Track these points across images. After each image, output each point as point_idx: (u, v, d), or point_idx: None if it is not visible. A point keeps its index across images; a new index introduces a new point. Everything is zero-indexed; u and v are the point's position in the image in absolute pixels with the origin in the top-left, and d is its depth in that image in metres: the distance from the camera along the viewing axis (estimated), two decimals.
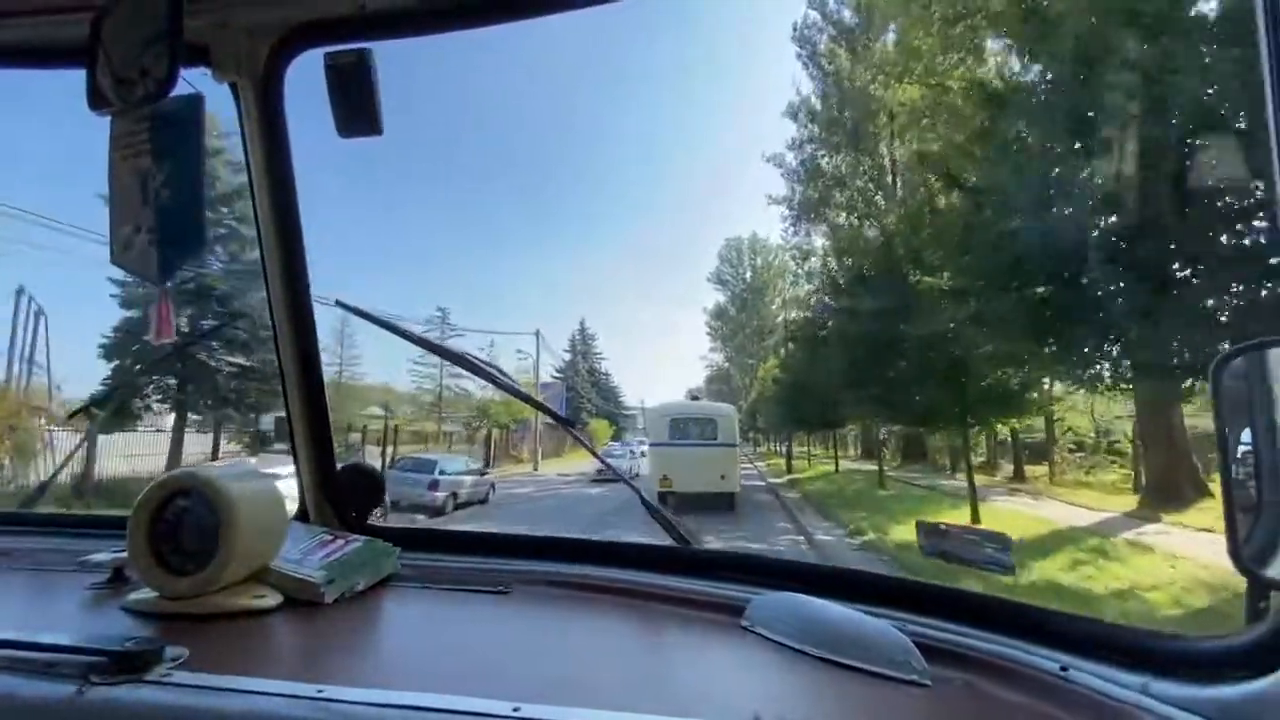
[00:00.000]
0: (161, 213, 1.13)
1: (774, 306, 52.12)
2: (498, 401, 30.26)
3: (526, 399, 1.37)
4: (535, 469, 27.64)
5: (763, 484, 21.69)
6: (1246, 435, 0.67)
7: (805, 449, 32.20)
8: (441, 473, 13.65)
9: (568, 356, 51.43)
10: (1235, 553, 0.64)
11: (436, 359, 32.52)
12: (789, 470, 26.00)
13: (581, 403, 47.23)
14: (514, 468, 27.93)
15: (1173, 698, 0.60)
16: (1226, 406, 0.70)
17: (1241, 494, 0.67)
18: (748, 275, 55.03)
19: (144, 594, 0.84)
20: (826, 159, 24.78)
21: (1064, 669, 0.68)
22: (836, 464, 23.66)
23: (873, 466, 22.61)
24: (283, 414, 1.24)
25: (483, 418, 31.56)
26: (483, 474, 16.19)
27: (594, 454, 1.38)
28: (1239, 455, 0.68)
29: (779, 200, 29.95)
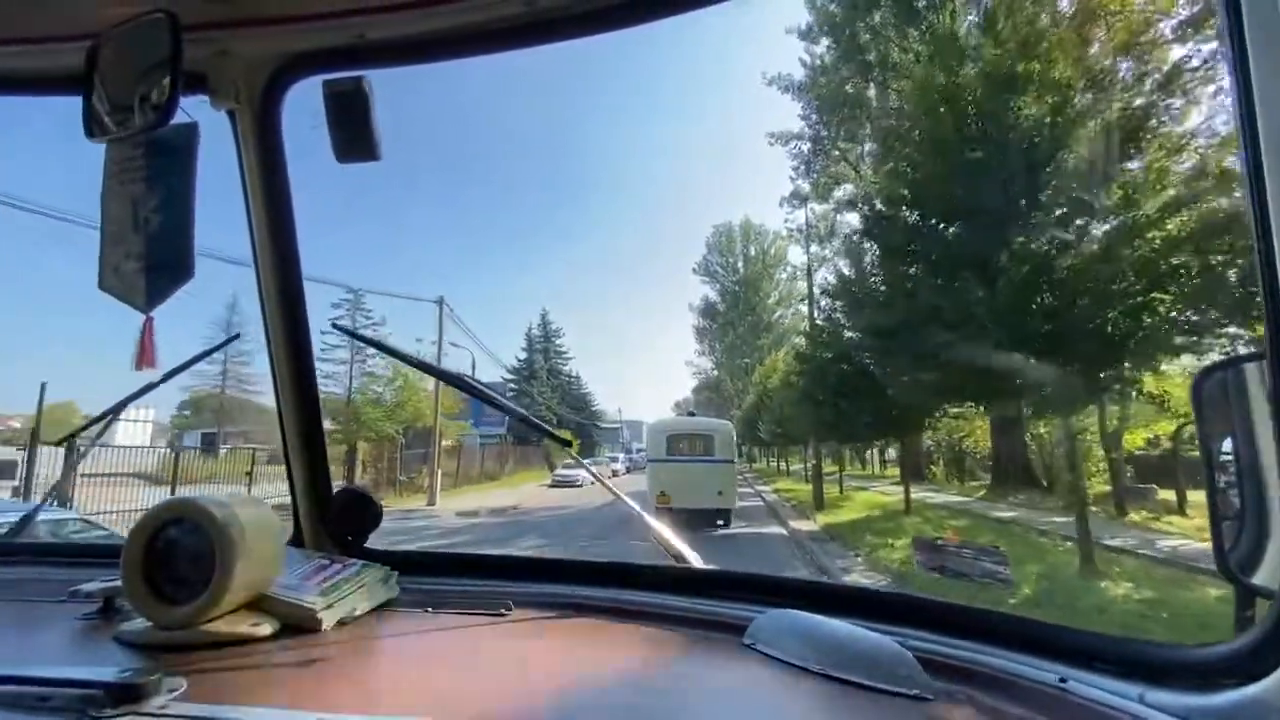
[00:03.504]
0: (151, 240, 1.13)
1: (770, 301, 47.75)
2: (379, 405, 21.29)
3: (525, 419, 1.37)
4: (431, 503, 18.41)
5: (782, 533, 12.57)
6: (1228, 445, 0.70)
7: (815, 466, 19.26)
8: None
9: (524, 355, 45.10)
10: (1221, 561, 0.66)
11: (343, 354, 26.79)
12: (819, 505, 15.38)
13: (540, 411, 38.78)
14: (401, 501, 18.62)
15: (1167, 706, 0.61)
16: (1207, 418, 0.72)
17: (1225, 503, 0.69)
18: (740, 265, 49.38)
19: (137, 624, 0.83)
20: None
21: (1063, 680, 0.69)
22: (907, 496, 13.28)
23: (943, 497, 14.02)
24: None
25: (355, 424, 20.72)
26: None
27: (600, 481, 1.38)
28: (1221, 464, 0.70)
29: (784, 138, 24.15)
